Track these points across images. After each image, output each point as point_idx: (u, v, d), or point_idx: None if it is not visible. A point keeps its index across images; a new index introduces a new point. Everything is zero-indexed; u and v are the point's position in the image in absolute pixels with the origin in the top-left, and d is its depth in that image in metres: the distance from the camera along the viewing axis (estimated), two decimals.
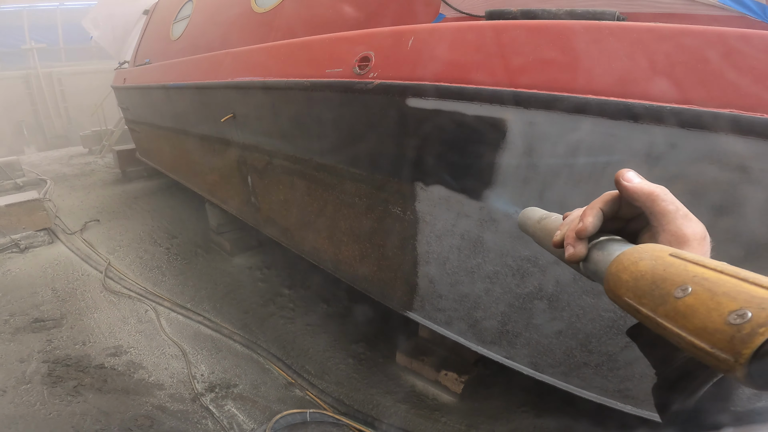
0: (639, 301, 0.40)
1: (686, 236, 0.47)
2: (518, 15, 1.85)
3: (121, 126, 10.66)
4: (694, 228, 0.48)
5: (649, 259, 0.41)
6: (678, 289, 0.36)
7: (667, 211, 0.48)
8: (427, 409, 2.92)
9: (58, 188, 8.30)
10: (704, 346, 0.33)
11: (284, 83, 2.74)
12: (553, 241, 0.58)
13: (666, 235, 0.48)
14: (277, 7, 3.39)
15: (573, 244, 0.53)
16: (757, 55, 1.32)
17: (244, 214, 4.26)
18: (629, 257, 0.44)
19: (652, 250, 0.42)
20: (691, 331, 0.34)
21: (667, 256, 0.40)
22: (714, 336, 0.32)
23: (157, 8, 6.37)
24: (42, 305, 4.14)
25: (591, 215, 0.52)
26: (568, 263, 0.55)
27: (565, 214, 0.62)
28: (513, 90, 1.70)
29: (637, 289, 0.40)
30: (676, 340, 0.36)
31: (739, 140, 1.33)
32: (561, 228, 0.58)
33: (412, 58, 2.05)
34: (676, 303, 0.36)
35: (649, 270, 0.40)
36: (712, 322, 0.33)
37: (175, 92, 4.56)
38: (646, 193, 0.49)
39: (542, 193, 1.78)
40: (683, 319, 0.35)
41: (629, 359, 1.92)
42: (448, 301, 2.43)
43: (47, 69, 15.90)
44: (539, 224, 0.67)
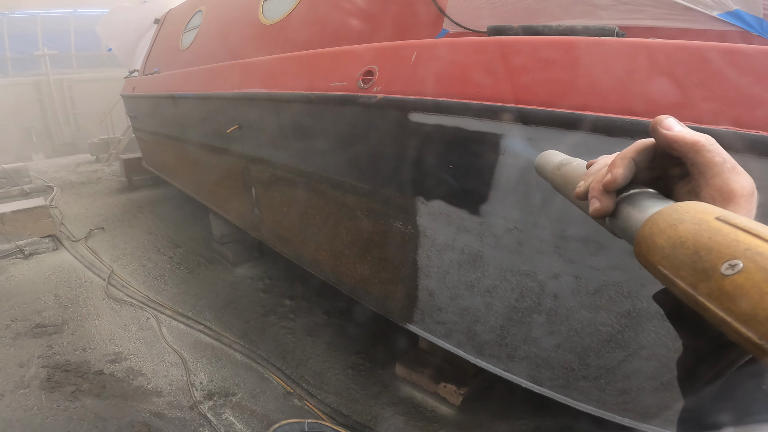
0: (676, 273, 0.34)
1: (733, 192, 0.41)
2: (520, 31, 1.89)
3: (129, 134, 10.81)
4: (742, 182, 0.42)
5: (691, 223, 0.35)
6: (726, 264, 0.31)
7: (713, 162, 0.42)
8: (426, 421, 2.91)
9: (64, 195, 8.38)
10: (752, 337, 0.28)
11: (289, 95, 2.78)
12: (575, 192, 0.52)
13: (710, 191, 0.42)
14: (285, 20, 3.45)
15: (599, 197, 0.47)
16: (757, 70, 1.34)
17: (247, 224, 4.29)
18: (667, 218, 0.37)
19: (694, 210, 0.36)
20: (739, 317, 0.29)
21: (713, 219, 0.34)
22: (765, 326, 0.28)
23: (167, 18, 6.48)
24: (44, 311, 4.15)
25: (622, 165, 0.46)
26: (593, 217, 0.49)
27: (589, 162, 0.56)
28: (514, 106, 1.72)
29: (674, 259, 0.34)
30: (718, 323, 0.31)
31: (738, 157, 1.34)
32: (585, 178, 0.52)
33: (415, 72, 2.09)
34: (722, 281, 0.30)
35: (691, 236, 0.34)
36: (765, 310, 0.28)
37: (182, 102, 4.62)
38: (689, 142, 0.43)
39: (542, 207, 1.79)
40: (730, 302, 0.30)
41: (627, 372, 1.92)
42: (447, 314, 2.44)
43: (58, 76, 16.11)
44: (559, 170, 0.60)
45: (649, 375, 1.86)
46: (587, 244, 1.72)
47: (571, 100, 1.61)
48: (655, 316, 1.68)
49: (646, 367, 1.84)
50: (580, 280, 1.82)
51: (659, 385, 1.85)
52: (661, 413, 1.94)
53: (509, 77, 1.79)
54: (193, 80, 4.32)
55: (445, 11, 2.31)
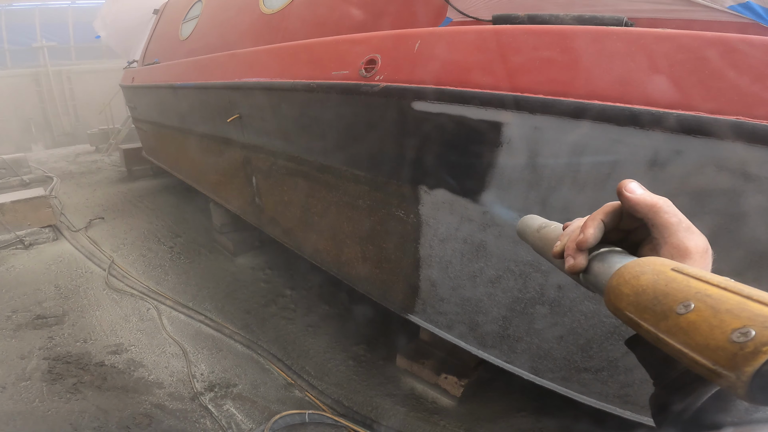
0: (640, 316, 0.39)
1: (688, 249, 0.46)
2: (525, 20, 1.86)
3: (128, 125, 10.77)
4: (696, 241, 0.47)
5: (651, 274, 0.40)
6: (680, 305, 0.36)
7: (669, 223, 0.48)
8: (426, 412, 2.91)
9: (64, 186, 8.36)
10: (706, 363, 0.33)
11: (290, 84, 2.75)
12: (552, 251, 0.57)
13: (668, 248, 0.47)
14: (285, 9, 3.41)
15: (573, 255, 0.52)
16: (764, 61, 1.32)
17: (248, 214, 4.28)
18: (630, 271, 0.43)
19: (653, 263, 0.42)
20: (694, 348, 0.34)
21: (669, 270, 0.40)
22: (716, 353, 0.32)
23: (166, 8, 6.43)
24: (44, 302, 4.15)
25: (592, 226, 0.51)
26: (568, 274, 0.55)
27: (565, 224, 0.61)
28: (518, 94, 1.70)
29: (638, 304, 0.40)
30: (677, 355, 0.35)
31: (744, 147, 1.33)
32: (561, 238, 0.57)
33: (418, 61, 2.06)
34: (678, 319, 0.35)
35: (651, 285, 0.39)
36: (714, 340, 0.32)
37: (182, 92, 4.59)
38: (648, 204, 0.49)
39: (546, 198, 1.78)
40: (685, 336, 0.34)
41: (630, 365, 1.91)
42: (449, 305, 2.43)
43: (57, 67, 16.04)
44: (538, 233, 0.66)
45: None
46: None
47: (575, 89, 1.59)
48: None
49: None
50: None
51: None
52: None
53: (513, 66, 1.76)
54: (194, 70, 4.29)
55: (449, 0, 2.28)
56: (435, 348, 3.15)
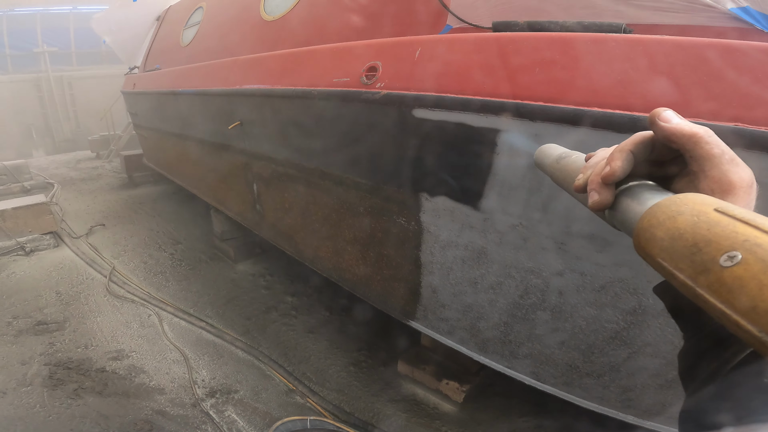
0: (675, 265, 0.34)
1: (732, 183, 0.41)
2: (525, 27, 1.87)
3: (129, 131, 10.78)
4: (741, 174, 0.41)
5: (690, 214, 0.34)
6: (725, 256, 0.30)
7: (711, 154, 0.42)
8: (428, 418, 2.91)
9: (65, 192, 8.37)
10: (752, 330, 0.28)
11: (291, 92, 2.77)
12: (574, 185, 0.52)
13: (708, 182, 0.42)
14: (286, 16, 3.44)
15: (598, 189, 0.46)
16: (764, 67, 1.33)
17: (249, 221, 4.29)
18: (665, 210, 0.37)
19: (693, 202, 0.36)
20: (738, 309, 0.29)
21: (711, 211, 0.34)
22: (764, 318, 0.27)
23: (168, 14, 6.46)
24: (45, 308, 4.15)
25: (620, 158, 0.46)
26: (591, 210, 0.49)
27: (588, 155, 0.56)
28: (519, 101, 1.71)
29: (673, 251, 0.34)
30: (718, 315, 0.30)
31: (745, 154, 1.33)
32: (584, 171, 0.52)
33: (419, 68, 2.07)
34: (721, 273, 0.30)
35: (690, 228, 0.34)
36: (764, 301, 0.27)
37: (183, 98, 4.61)
38: (687, 134, 0.43)
39: (547, 204, 1.78)
40: (729, 294, 0.29)
41: (631, 370, 1.91)
42: (450, 311, 2.43)
43: (58, 72, 16.10)
44: (558, 164, 0.60)
45: (654, 372, 1.86)
46: (593, 241, 1.71)
47: (575, 97, 1.60)
48: (661, 314, 1.68)
49: (651, 364, 1.84)
50: (585, 276, 1.81)
51: (663, 382, 1.85)
52: (665, 411, 1.93)
53: (513, 73, 1.77)
54: (195, 77, 4.31)
55: (448, 7, 2.29)
56: (436, 353, 3.14)
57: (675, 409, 1.86)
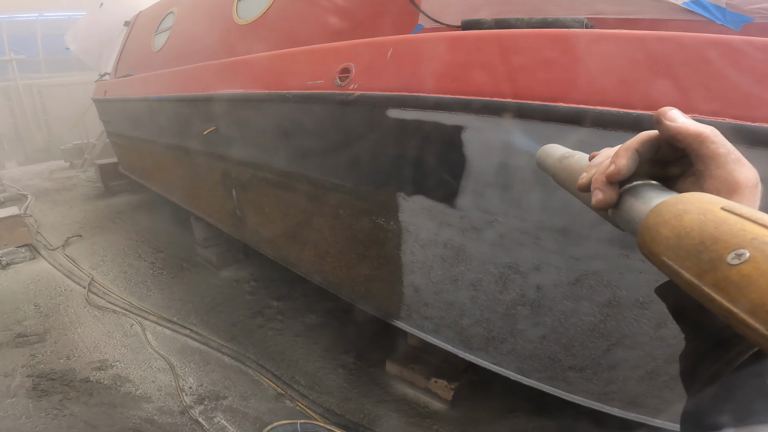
0: (681, 264, 0.34)
1: (738, 183, 0.41)
2: (492, 25, 1.89)
3: (103, 139, 10.56)
4: (747, 174, 0.42)
5: (697, 213, 0.35)
6: (732, 254, 0.30)
7: (717, 153, 0.42)
8: (419, 417, 2.92)
9: (39, 203, 8.18)
10: (759, 327, 0.28)
11: (266, 95, 2.75)
12: (578, 183, 0.52)
13: (714, 182, 0.42)
14: (260, 19, 3.41)
15: (602, 188, 0.46)
16: (722, 60, 1.37)
17: (230, 227, 4.25)
18: (671, 208, 0.37)
19: (699, 200, 0.36)
20: (746, 307, 0.29)
21: (718, 210, 0.34)
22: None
23: (137, 20, 6.34)
24: (25, 321, 4.08)
25: (625, 157, 0.46)
26: (594, 210, 0.49)
27: (591, 154, 0.56)
28: (487, 99, 1.73)
29: (679, 249, 0.34)
30: (724, 314, 0.30)
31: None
32: (588, 170, 0.52)
33: (391, 69, 2.08)
34: (729, 271, 0.30)
35: (697, 226, 0.34)
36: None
37: (156, 105, 4.54)
38: (693, 133, 0.43)
39: (521, 199, 1.81)
40: (737, 292, 0.29)
41: (612, 362, 1.95)
42: (434, 309, 2.45)
43: (27, 81, 15.64)
44: (561, 163, 0.60)
45: (634, 364, 1.90)
46: (566, 235, 1.74)
47: (543, 93, 1.62)
48: (635, 305, 1.71)
49: (630, 356, 1.88)
50: (561, 270, 1.84)
51: (644, 374, 1.89)
52: (648, 402, 1.97)
53: (483, 70, 1.79)
54: (168, 82, 4.25)
55: (419, 7, 2.30)
56: (423, 353, 3.16)
57: (656, 401, 1.91)
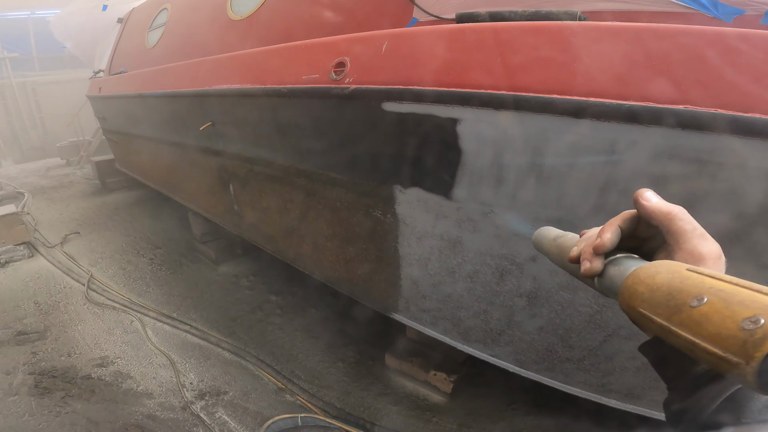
0: (654, 311, 0.41)
1: (702, 255, 0.48)
2: (486, 17, 1.89)
3: (99, 136, 10.50)
4: (710, 247, 0.49)
5: (666, 273, 0.43)
6: (694, 299, 0.38)
7: (684, 230, 0.50)
8: (419, 410, 2.94)
9: (36, 201, 8.16)
10: (717, 351, 0.34)
11: (262, 90, 2.74)
12: (569, 256, 0.59)
13: (682, 254, 0.49)
14: (254, 15, 3.39)
15: (590, 259, 0.54)
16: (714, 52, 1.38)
17: (228, 222, 4.25)
18: (646, 271, 0.45)
19: (669, 264, 0.44)
20: (705, 338, 0.36)
21: (683, 270, 0.42)
22: (727, 341, 0.34)
23: (131, 16, 6.30)
24: (25, 318, 4.08)
25: (609, 231, 0.54)
26: (582, 279, 0.57)
27: (581, 233, 0.64)
28: (483, 92, 1.73)
29: (652, 300, 0.42)
30: (688, 347, 0.37)
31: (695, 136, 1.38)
32: (578, 244, 0.60)
33: (386, 62, 2.07)
34: (691, 312, 0.37)
35: (666, 282, 0.42)
36: (726, 329, 0.34)
37: (152, 101, 4.52)
38: (664, 212, 0.51)
39: (516, 190, 1.82)
40: (698, 327, 0.36)
41: (609, 353, 1.97)
42: (432, 302, 2.47)
43: (21, 79, 15.52)
44: (555, 242, 0.68)
45: (630, 355, 1.91)
46: (560, 225, 1.74)
47: (538, 85, 1.62)
48: None
49: (626, 347, 1.89)
50: None
51: (640, 365, 1.90)
52: (646, 394, 1.99)
53: (478, 63, 1.79)
54: (163, 78, 4.23)
55: (414, 0, 2.30)
56: (422, 345, 3.18)
57: (654, 393, 1.92)
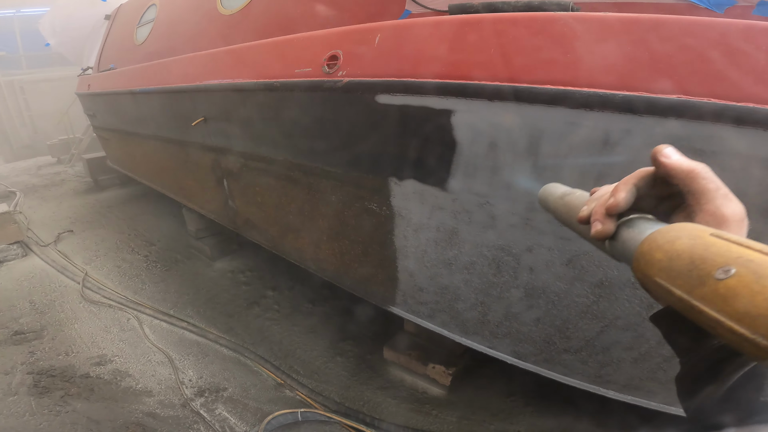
0: (673, 282, 0.37)
1: (726, 216, 0.44)
2: (480, 8, 1.88)
3: (90, 133, 10.40)
4: (734, 208, 0.45)
5: (688, 238, 0.38)
6: (720, 270, 0.34)
7: (707, 189, 0.46)
8: (418, 403, 2.96)
9: (28, 200, 8.09)
10: (744, 332, 0.31)
11: (254, 84, 2.72)
12: (579, 216, 0.55)
13: (704, 215, 0.45)
14: (244, 9, 3.36)
15: (601, 220, 0.50)
16: (702, 44, 1.38)
17: (223, 217, 4.23)
18: (665, 236, 0.41)
19: (690, 228, 0.40)
20: (731, 316, 0.32)
21: (707, 235, 0.38)
22: (756, 321, 0.30)
23: (119, 13, 6.22)
24: (21, 318, 4.06)
25: (624, 190, 0.49)
26: (592, 241, 0.52)
27: (592, 190, 0.59)
28: (476, 83, 1.72)
29: (671, 270, 0.38)
30: (711, 324, 0.34)
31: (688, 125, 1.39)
32: (588, 203, 0.55)
33: (379, 55, 2.06)
34: (716, 285, 0.33)
35: (687, 249, 0.37)
36: (755, 307, 0.31)
37: (142, 97, 4.48)
38: (685, 170, 0.47)
39: (511, 180, 1.82)
40: (723, 303, 0.33)
41: (606, 344, 1.98)
42: (429, 294, 2.47)
43: (8, 77, 15.34)
44: (562, 200, 0.63)
45: (627, 346, 1.92)
46: None
47: (531, 76, 1.62)
48: (627, 285, 1.74)
49: (624, 337, 1.90)
50: (553, 251, 1.86)
51: (638, 355, 1.91)
52: (643, 385, 2.00)
53: (470, 55, 1.78)
54: (153, 75, 4.19)
55: None
56: (420, 338, 3.18)
57: (651, 384, 1.93)
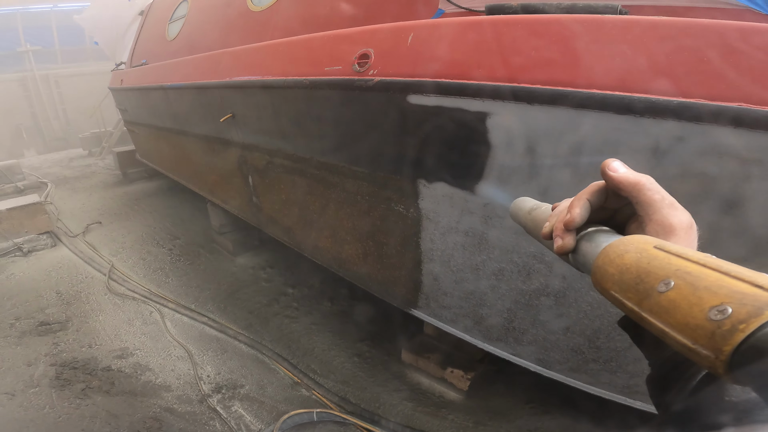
0: (624, 295, 0.39)
1: (672, 226, 0.46)
2: (518, 10, 1.83)
3: (120, 127, 10.65)
4: (680, 217, 0.47)
5: (634, 252, 0.40)
6: (661, 283, 0.36)
7: (652, 200, 0.48)
8: (434, 407, 2.91)
9: (59, 191, 8.31)
10: (686, 342, 0.32)
11: (283, 82, 2.72)
12: (542, 232, 0.57)
13: (653, 225, 0.47)
14: (274, 6, 3.37)
15: (561, 235, 0.52)
16: (759, 50, 1.31)
17: (246, 213, 4.26)
18: (615, 249, 0.43)
19: (637, 241, 0.42)
20: (674, 327, 0.33)
21: (651, 248, 0.40)
22: (695, 332, 0.32)
23: (151, 9, 6.34)
24: (47, 308, 4.14)
25: (578, 206, 0.52)
26: (557, 254, 0.54)
27: (554, 205, 0.61)
28: (514, 86, 1.68)
29: (622, 283, 0.40)
30: (661, 334, 0.35)
31: (744, 134, 1.31)
32: (550, 219, 0.57)
33: (412, 54, 2.04)
34: (659, 297, 0.35)
35: (634, 263, 0.39)
36: (693, 318, 0.32)
37: (173, 93, 4.54)
38: (632, 182, 0.49)
39: (547, 186, 1.76)
40: (666, 314, 0.34)
41: (638, 355, 1.89)
42: (453, 299, 2.42)
43: (44, 71, 15.84)
44: (530, 215, 0.66)
45: None
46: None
47: (571, 80, 1.57)
48: None
49: None
50: None
51: None
52: None
53: (508, 57, 1.74)
54: (183, 70, 4.24)
55: None
56: (440, 342, 3.14)
57: None
